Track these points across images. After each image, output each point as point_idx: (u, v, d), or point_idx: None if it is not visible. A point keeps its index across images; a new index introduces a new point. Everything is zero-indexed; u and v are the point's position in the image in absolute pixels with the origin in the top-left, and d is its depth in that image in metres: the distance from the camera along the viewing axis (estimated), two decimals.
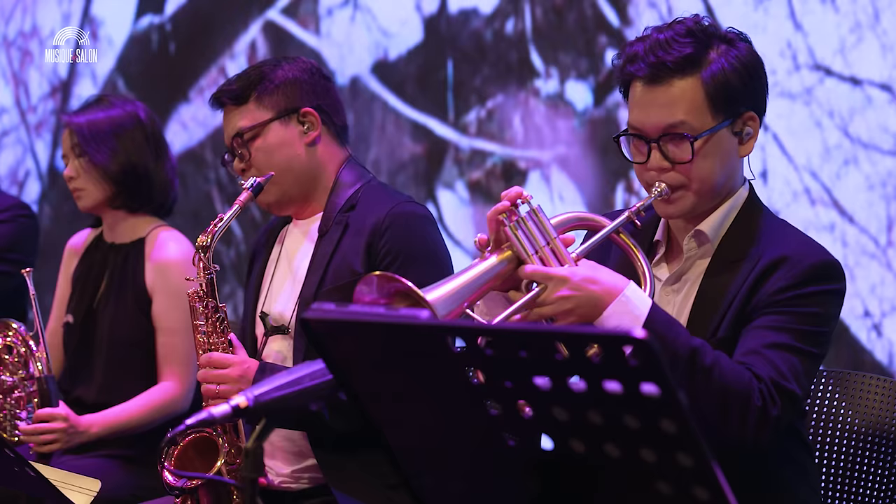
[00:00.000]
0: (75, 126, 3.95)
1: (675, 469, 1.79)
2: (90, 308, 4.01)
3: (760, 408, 2.53)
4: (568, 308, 2.54)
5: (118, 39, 6.13)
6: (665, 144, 2.67)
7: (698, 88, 2.65)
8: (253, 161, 3.30)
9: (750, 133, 2.72)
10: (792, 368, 2.58)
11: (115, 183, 3.93)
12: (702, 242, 2.75)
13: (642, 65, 2.66)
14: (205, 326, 3.17)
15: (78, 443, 3.75)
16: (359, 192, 3.30)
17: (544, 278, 2.55)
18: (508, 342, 1.84)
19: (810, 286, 2.62)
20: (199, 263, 3.18)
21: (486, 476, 2.07)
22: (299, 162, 3.30)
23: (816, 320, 2.63)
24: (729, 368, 2.54)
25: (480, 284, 2.57)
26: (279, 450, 3.29)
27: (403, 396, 2.05)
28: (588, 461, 1.89)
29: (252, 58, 5.66)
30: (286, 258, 3.38)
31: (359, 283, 2.46)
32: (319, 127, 3.32)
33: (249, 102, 3.30)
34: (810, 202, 4.30)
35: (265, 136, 3.29)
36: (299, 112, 3.30)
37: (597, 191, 4.78)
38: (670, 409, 1.74)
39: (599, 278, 2.56)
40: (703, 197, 2.70)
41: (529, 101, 4.92)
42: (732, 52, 2.68)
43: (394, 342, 1.97)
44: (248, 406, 2.06)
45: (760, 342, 2.59)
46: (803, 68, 4.29)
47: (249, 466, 2.05)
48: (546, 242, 2.58)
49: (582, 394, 1.80)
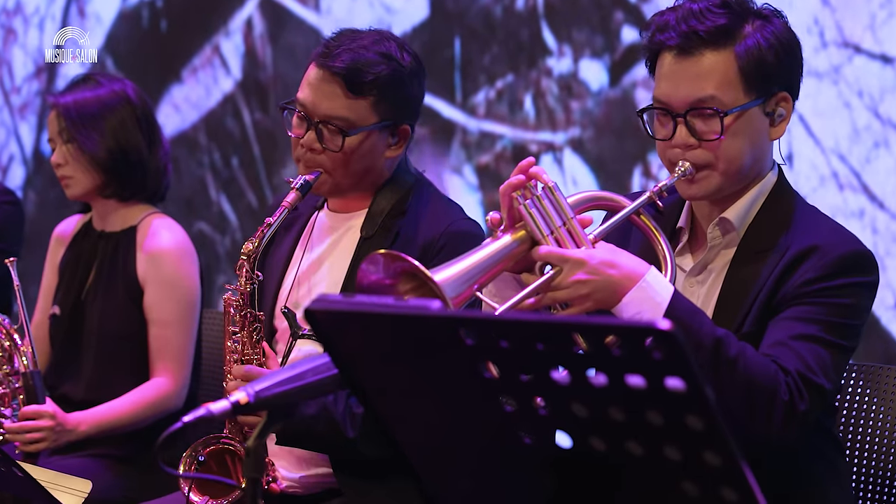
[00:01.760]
0: (62, 108, 3.93)
1: (701, 468, 1.78)
2: (78, 299, 4.01)
3: (787, 402, 2.52)
4: (584, 293, 2.53)
5: (106, 16, 6.13)
6: (692, 119, 2.66)
7: (731, 62, 2.64)
8: (333, 154, 3.14)
9: (782, 115, 2.72)
10: (820, 361, 2.57)
11: (105, 171, 3.92)
12: (727, 231, 2.73)
13: (673, 34, 2.65)
14: (240, 335, 3.13)
15: (66, 442, 3.74)
16: (408, 196, 3.22)
17: (560, 260, 2.53)
18: (525, 334, 1.84)
19: (841, 277, 2.61)
20: (243, 270, 3.14)
21: (498, 475, 2.06)
22: (373, 171, 3.20)
23: (847, 312, 2.62)
24: (754, 360, 2.53)
25: (492, 265, 2.55)
26: (290, 455, 3.27)
27: (412, 391, 2.05)
28: (609, 460, 1.89)
29: (248, 36, 5.65)
30: (319, 253, 3.30)
31: (363, 262, 2.45)
32: (405, 146, 3.22)
33: (366, 99, 3.13)
34: (838, 187, 4.29)
35: (361, 140, 3.15)
36: (398, 127, 3.19)
37: (613, 175, 4.78)
38: (696, 404, 1.73)
39: (618, 262, 2.55)
40: (729, 178, 2.69)
41: (541, 81, 4.92)
42: (769, 28, 2.68)
43: (403, 334, 1.97)
44: (250, 402, 2.06)
45: (787, 334, 2.59)
46: (831, 45, 4.28)
47: (251, 466, 2.04)
48: (562, 222, 2.56)
49: (603, 389, 1.79)
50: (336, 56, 3.13)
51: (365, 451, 3.07)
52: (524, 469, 2.00)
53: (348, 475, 3.17)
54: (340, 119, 3.13)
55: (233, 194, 5.83)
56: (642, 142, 4.66)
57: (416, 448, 2.10)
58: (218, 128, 5.76)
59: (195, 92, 5.80)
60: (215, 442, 3.15)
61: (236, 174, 5.82)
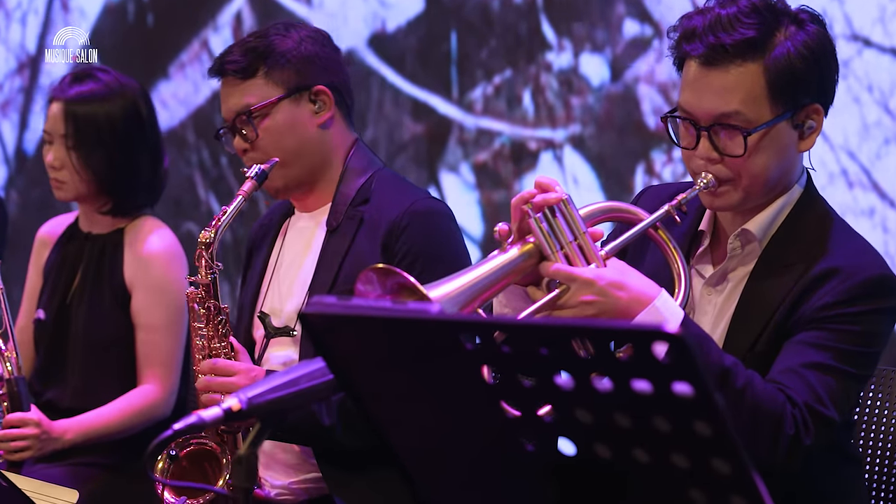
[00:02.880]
0: (69, 112, 3.89)
1: (710, 476, 1.78)
2: (63, 303, 4.00)
3: (793, 436, 2.52)
4: (590, 314, 2.51)
5: (91, 10, 6.12)
6: (716, 134, 2.62)
7: (758, 76, 2.60)
8: (259, 142, 3.25)
9: (813, 127, 2.67)
10: (830, 392, 2.56)
11: (103, 187, 3.90)
12: (748, 241, 2.71)
13: (699, 44, 2.61)
14: (205, 330, 3.16)
15: (51, 450, 3.74)
16: (371, 182, 3.27)
17: (567, 279, 2.52)
18: (527, 339, 1.84)
19: (859, 304, 2.59)
20: (202, 261, 3.16)
21: (499, 482, 2.06)
22: (310, 145, 3.27)
23: (862, 340, 2.60)
24: (762, 391, 2.52)
25: (496, 280, 2.53)
26: (278, 462, 3.28)
27: (409, 396, 2.05)
28: (614, 467, 1.88)
29: (238, 30, 5.65)
30: (290, 254, 3.35)
31: (357, 282, 2.43)
32: (332, 107, 3.29)
33: (257, 77, 3.25)
34: (847, 185, 4.29)
35: (274, 116, 3.25)
36: (311, 90, 3.27)
37: (614, 174, 4.77)
38: (705, 410, 1.73)
39: (628, 284, 2.53)
40: (751, 194, 2.66)
41: (541, 76, 4.91)
42: (800, 36, 2.63)
43: (400, 339, 1.97)
44: (242, 409, 2.05)
45: (799, 360, 2.57)
46: (840, 39, 4.28)
47: (242, 475, 2.04)
48: (573, 238, 2.53)
49: (608, 394, 1.79)
50: (220, 59, 3.29)
51: (343, 440, 3.09)
52: (526, 476, 2.00)
53: (332, 467, 3.19)
54: (244, 106, 3.24)
55: (222, 193, 5.82)
56: (645, 139, 4.66)
57: (413, 453, 2.10)
58: (206, 125, 5.75)
59: (183, 88, 5.80)
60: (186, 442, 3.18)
61: (225, 173, 5.82)
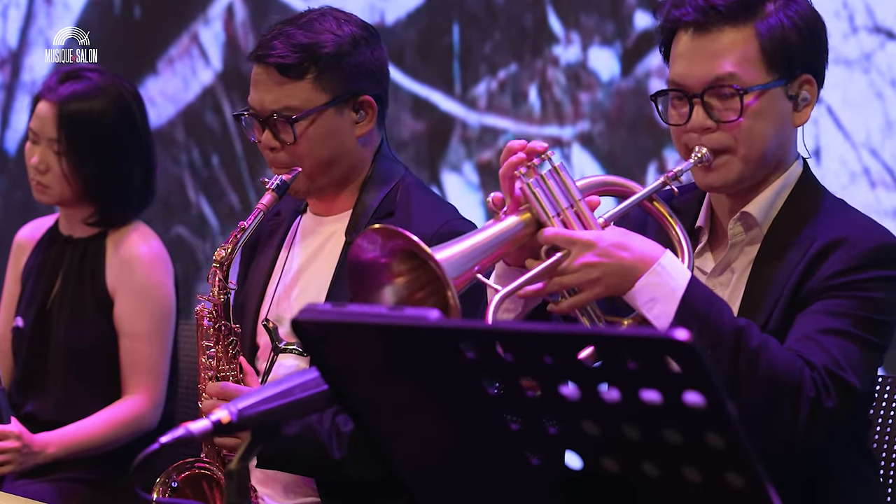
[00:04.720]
0: (63, 116, 3.89)
1: (722, 491, 1.78)
2: (43, 310, 4.01)
3: (814, 398, 2.52)
4: (593, 277, 2.52)
5: (75, 3, 6.13)
6: (709, 100, 2.67)
7: (752, 40, 2.66)
8: (293, 147, 3.18)
9: (807, 99, 2.73)
10: (849, 357, 2.57)
11: (92, 194, 3.91)
12: (749, 226, 2.74)
13: (689, 9, 2.68)
14: (214, 349, 3.14)
15: (33, 465, 3.75)
16: (395, 193, 3.24)
17: (567, 242, 2.53)
18: (531, 347, 1.84)
19: (871, 270, 2.62)
20: (216, 279, 3.15)
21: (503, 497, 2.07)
22: (343, 157, 3.22)
23: (877, 307, 2.62)
24: (778, 353, 2.53)
25: (495, 246, 2.55)
26: (277, 481, 3.27)
27: (408, 407, 2.05)
28: (622, 481, 1.89)
29: (229, 23, 5.66)
30: (301, 259, 3.31)
31: (358, 238, 2.46)
32: (374, 120, 3.24)
33: (305, 80, 3.17)
34: (870, 184, 4.29)
35: (315, 123, 3.18)
36: (357, 100, 3.22)
37: (625, 172, 4.76)
38: (717, 421, 1.73)
39: (631, 245, 2.55)
40: (750, 164, 2.69)
41: (547, 71, 4.92)
42: (792, 7, 2.70)
43: (398, 347, 1.97)
44: (232, 421, 2.05)
45: (814, 328, 2.59)
46: (861, 31, 4.28)
47: (234, 490, 2.04)
48: (569, 204, 2.56)
49: (616, 405, 1.79)
50: (266, 46, 3.19)
51: (352, 473, 3.08)
52: (530, 491, 2.00)
53: (333, 498, 3.18)
54: (285, 108, 3.17)
55: (213, 195, 5.84)
56: (657, 136, 4.66)
57: (412, 468, 2.10)
58: (197, 123, 5.77)
59: (172, 84, 5.81)
60: (190, 467, 3.16)
61: (217, 174, 5.83)
